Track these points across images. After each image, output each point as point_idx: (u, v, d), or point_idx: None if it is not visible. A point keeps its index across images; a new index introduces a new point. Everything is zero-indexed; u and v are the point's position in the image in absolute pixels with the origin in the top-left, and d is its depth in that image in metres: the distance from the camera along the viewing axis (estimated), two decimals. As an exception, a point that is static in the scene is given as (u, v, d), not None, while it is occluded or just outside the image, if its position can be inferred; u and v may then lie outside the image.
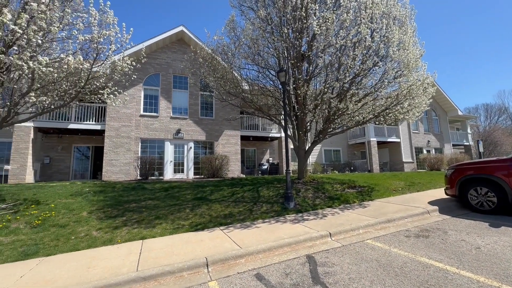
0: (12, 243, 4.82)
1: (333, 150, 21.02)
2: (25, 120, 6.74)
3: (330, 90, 8.23)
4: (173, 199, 7.51)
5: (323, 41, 7.40)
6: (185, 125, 13.94)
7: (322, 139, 9.58)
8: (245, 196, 8.06)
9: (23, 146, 11.14)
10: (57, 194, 7.43)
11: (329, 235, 4.87)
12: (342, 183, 9.77)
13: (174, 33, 13.77)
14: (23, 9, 4.75)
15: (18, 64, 4.47)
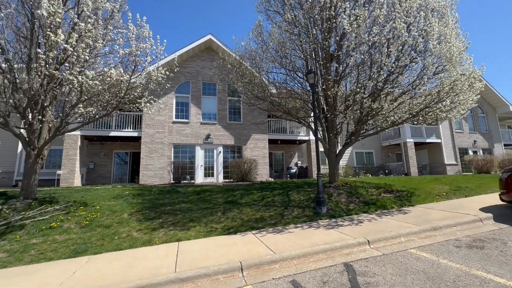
0: (65, 241, 5.29)
1: (365, 153, 20.06)
2: (74, 129, 7.43)
3: (362, 89, 7.88)
4: (205, 203, 7.70)
5: (354, 39, 7.13)
6: (214, 130, 14.32)
7: (354, 141, 9.18)
8: (275, 200, 7.98)
9: (72, 152, 12.30)
10: (101, 196, 8.03)
11: (367, 242, 4.60)
12: (378, 187, 9.24)
13: (202, 42, 14.30)
14: (72, 29, 5.27)
15: (69, 78, 4.96)
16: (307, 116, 10.47)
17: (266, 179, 14.11)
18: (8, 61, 6.46)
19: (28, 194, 7.23)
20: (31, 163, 7.30)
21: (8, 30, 6.68)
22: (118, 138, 13.88)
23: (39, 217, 6.26)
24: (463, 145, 20.16)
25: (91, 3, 5.40)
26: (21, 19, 6.61)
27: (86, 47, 5.13)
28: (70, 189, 9.14)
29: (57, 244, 5.17)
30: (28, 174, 7.30)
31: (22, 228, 5.79)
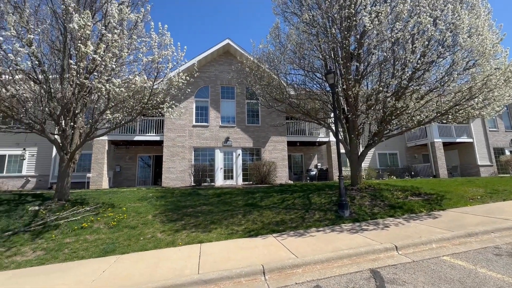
0: (95, 241, 5.57)
1: (388, 154, 19.24)
2: (102, 134, 7.84)
3: (385, 88, 7.59)
4: (225, 205, 7.77)
5: (376, 37, 6.90)
6: (233, 133, 14.46)
7: (377, 142, 8.84)
8: (296, 203, 7.87)
9: (100, 156, 12.99)
10: (127, 198, 8.38)
11: (395, 248, 4.38)
12: (404, 190, 8.80)
13: (221, 46, 14.56)
14: (100, 40, 5.59)
15: (98, 86, 5.26)
16: (327, 117, 10.27)
17: (285, 182, 13.98)
18: (44, 73, 6.96)
19: (62, 196, 7.72)
20: (64, 167, 7.80)
21: (44, 44, 7.23)
22: (141, 142, 14.46)
23: (72, 217, 6.66)
24: (498, 145, 18.70)
25: (117, 15, 5.70)
26: (55, 33, 7.13)
27: (113, 57, 5.42)
28: (99, 191, 9.64)
29: (88, 244, 5.46)
30: (62, 177, 7.80)
31: (57, 228, 6.18)
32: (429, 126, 16.98)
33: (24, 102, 5.87)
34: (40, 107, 6.41)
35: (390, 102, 7.51)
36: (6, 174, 13.98)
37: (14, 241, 5.62)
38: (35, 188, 13.84)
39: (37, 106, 6.43)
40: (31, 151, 14.40)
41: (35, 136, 12.74)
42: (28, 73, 6.51)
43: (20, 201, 7.94)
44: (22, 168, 14.22)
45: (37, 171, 14.31)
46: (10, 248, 5.37)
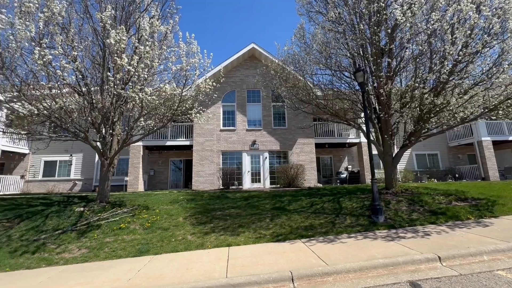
0: (131, 241, 5.91)
1: (427, 155, 17.79)
2: (137, 140, 8.35)
3: (421, 84, 7.03)
4: (253, 208, 7.77)
5: (409, 30, 6.44)
6: (259, 136, 14.50)
7: (413, 142, 8.21)
8: (325, 207, 7.60)
9: (136, 161, 13.87)
10: (160, 201, 8.80)
11: (438, 259, 3.98)
12: (447, 194, 8.04)
13: (246, 51, 14.76)
14: (134, 52, 5.99)
15: (132, 96, 5.63)
16: (356, 118, 9.81)
17: (314, 185, 13.61)
18: (87, 85, 7.66)
19: (103, 198, 8.35)
20: (105, 171, 8.44)
21: (86, 60, 7.95)
22: (173, 147, 15.15)
23: (111, 218, 7.15)
24: None
25: (149, 28, 6.06)
26: (96, 49, 7.81)
27: (145, 67, 5.78)
28: (135, 194, 10.26)
29: (125, 244, 5.81)
30: (102, 180, 8.45)
31: (98, 228, 6.69)
32: (475, 123, 15.35)
33: (70, 113, 6.49)
34: (83, 117, 7.03)
35: (427, 99, 6.93)
36: (57, 178, 15.57)
37: (63, 239, 6.20)
38: (81, 191, 15.21)
39: (81, 116, 7.05)
40: (78, 157, 15.86)
41: (81, 144, 14.01)
42: (73, 87, 7.21)
43: (68, 202, 8.75)
44: (70, 173, 15.72)
45: (82, 175, 15.71)
46: (60, 246, 5.92)
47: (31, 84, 6.35)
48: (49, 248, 5.80)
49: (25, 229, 6.80)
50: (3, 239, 6.34)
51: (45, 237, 6.32)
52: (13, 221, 7.35)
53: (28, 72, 5.76)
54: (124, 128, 8.54)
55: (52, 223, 7.01)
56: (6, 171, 15.41)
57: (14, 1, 5.20)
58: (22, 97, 5.98)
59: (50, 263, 5.17)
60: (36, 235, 6.48)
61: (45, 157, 15.67)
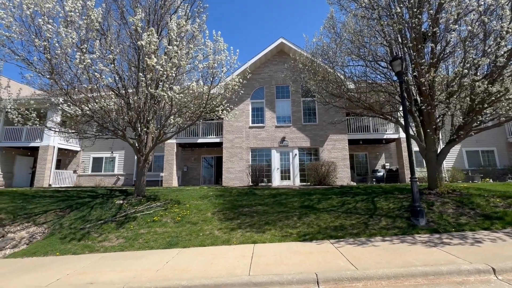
0: (163, 234, 6.19)
1: (481, 151, 15.76)
2: (169, 137, 8.74)
3: (472, 70, 6.17)
4: (280, 206, 7.62)
5: (456, 8, 5.66)
6: (289, 132, 14.22)
7: (463, 137, 7.26)
8: (358, 207, 7.13)
9: (170, 158, 14.61)
10: (190, 196, 9.12)
11: (492, 271, 3.43)
12: (505, 197, 6.98)
13: (274, 46, 14.54)
14: (165, 53, 6.23)
15: (161, 94, 5.86)
16: (394, 111, 9.00)
17: (347, 183, 12.94)
18: (124, 87, 8.21)
19: (139, 192, 8.92)
20: (141, 167, 9.00)
21: (124, 63, 8.52)
22: (204, 144, 15.63)
23: (146, 211, 7.60)
24: None
25: (176, 28, 6.24)
26: (131, 52, 8.30)
27: (173, 66, 5.97)
28: (168, 189, 10.80)
29: (157, 236, 6.11)
30: (139, 175, 9.02)
31: (134, 220, 7.14)
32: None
33: (109, 112, 7.01)
34: (121, 116, 7.54)
35: (480, 86, 6.05)
36: (103, 173, 17.12)
37: (104, 229, 6.74)
38: (123, 184, 16.52)
39: (119, 115, 7.58)
40: (120, 154, 17.24)
41: (122, 142, 15.21)
42: (112, 88, 7.78)
43: (110, 195, 9.54)
44: (114, 168, 17.16)
45: (125, 170, 17.04)
46: (101, 235, 6.45)
47: (76, 87, 6.99)
48: (92, 237, 6.35)
49: (73, 218, 7.56)
50: (56, 226, 7.13)
51: (89, 226, 6.95)
52: (65, 210, 8.23)
53: (73, 76, 6.33)
54: (157, 126, 8.98)
55: (96, 214, 7.69)
56: (62, 166, 17.40)
57: (60, 12, 5.73)
58: (68, 100, 6.60)
59: (92, 250, 5.65)
60: (82, 224, 7.16)
61: (93, 154, 17.33)
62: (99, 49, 5.62)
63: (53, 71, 6.27)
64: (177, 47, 6.30)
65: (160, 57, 5.79)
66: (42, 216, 7.76)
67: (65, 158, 17.42)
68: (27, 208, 8.32)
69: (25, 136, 15.47)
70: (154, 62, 5.63)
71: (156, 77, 6.08)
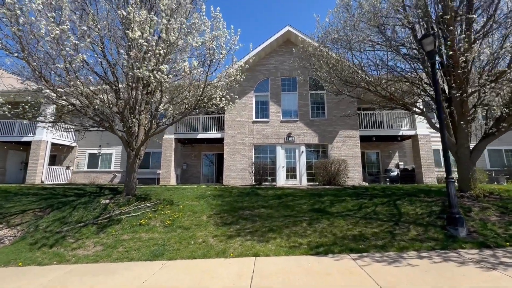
0: (148, 241, 5.23)
1: (504, 150, 14.50)
2: (162, 129, 7.78)
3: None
4: (287, 209, 6.60)
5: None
6: (295, 128, 13.16)
7: (504, 130, 6.14)
8: (378, 211, 6.07)
9: (168, 154, 13.70)
10: (186, 196, 8.16)
11: None
12: (556, 202, 5.85)
13: (280, 35, 13.46)
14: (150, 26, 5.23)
15: (146, 74, 4.90)
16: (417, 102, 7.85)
17: (358, 183, 11.85)
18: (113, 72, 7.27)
19: (129, 190, 7.99)
20: (131, 163, 8.07)
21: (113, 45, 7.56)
22: (204, 140, 14.67)
23: (133, 213, 6.66)
24: None
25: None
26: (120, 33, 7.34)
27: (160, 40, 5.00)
28: (163, 188, 9.86)
29: (141, 243, 5.15)
30: (129, 172, 8.09)
31: (119, 223, 6.21)
32: None
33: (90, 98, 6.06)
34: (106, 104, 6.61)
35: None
36: (99, 169, 16.31)
37: (82, 233, 5.82)
38: (120, 182, 15.67)
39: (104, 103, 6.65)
40: (117, 150, 16.39)
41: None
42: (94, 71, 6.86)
43: (98, 194, 8.64)
44: (111, 165, 16.33)
45: (122, 167, 16.19)
46: (78, 240, 5.52)
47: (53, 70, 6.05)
48: (66, 243, 5.44)
49: (52, 219, 6.67)
50: (31, 229, 6.24)
51: (67, 230, 6.04)
52: (45, 210, 7.35)
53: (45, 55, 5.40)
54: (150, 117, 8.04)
55: (77, 215, 6.78)
56: (58, 162, 16.65)
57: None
58: (43, 82, 5.68)
59: (61, 260, 4.72)
60: (60, 226, 6.26)
61: (90, 150, 16.53)
62: (69, 18, 4.66)
63: (24, 49, 5.35)
64: (167, 20, 5.32)
65: (145, 29, 4.81)
66: (18, 217, 6.90)
67: (60, 153, 16.66)
68: (4, 207, 7.47)
69: (17, 130, 14.74)
70: (137, 35, 4.67)
71: (141, 56, 5.12)
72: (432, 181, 12.20)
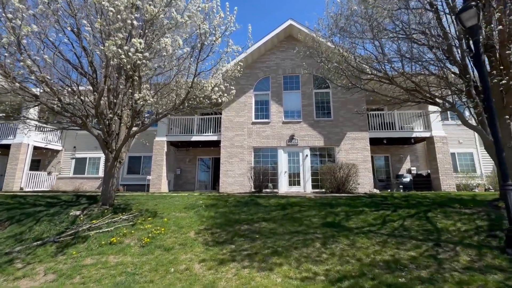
0: (115, 267, 4.02)
1: (525, 154, 13.31)
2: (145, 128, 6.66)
3: None
4: (294, 223, 5.40)
5: None
6: (298, 129, 12.02)
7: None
8: (408, 227, 4.87)
9: (159, 158, 12.49)
10: (173, 206, 6.95)
11: None
12: None
13: (282, 30, 12.44)
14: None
15: (113, 50, 3.78)
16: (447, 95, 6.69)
17: (369, 191, 10.66)
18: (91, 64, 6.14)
19: (106, 200, 6.79)
20: (109, 167, 6.89)
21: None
22: (199, 143, 13.49)
23: (105, 228, 5.44)
24: None
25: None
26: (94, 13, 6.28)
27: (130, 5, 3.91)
28: (149, 196, 8.63)
29: (105, 271, 3.94)
30: (106, 178, 6.90)
31: (85, 241, 5.00)
32: None
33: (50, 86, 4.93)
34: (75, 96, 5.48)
35: None
36: (86, 175, 15.06)
37: (36, 255, 4.61)
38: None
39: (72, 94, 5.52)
40: (106, 154, 15.20)
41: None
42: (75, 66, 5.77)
43: (74, 203, 7.43)
44: (99, 171, 15.09)
45: (110, 173, 14.97)
46: (28, 265, 4.32)
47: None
48: (11, 268, 4.22)
49: (7, 235, 5.46)
50: (-24, 248, 5.02)
51: (19, 250, 4.83)
52: (4, 223, 6.14)
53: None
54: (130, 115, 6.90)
55: (39, 230, 5.57)
56: (42, 167, 15.43)
57: None
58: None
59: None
60: (13, 245, 5.05)
61: (77, 154, 15.33)
62: None
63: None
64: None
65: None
66: (-33, 232, 5.69)
67: (45, 158, 15.44)
68: (-46, 220, 6.25)
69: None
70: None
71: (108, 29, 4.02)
72: (451, 187, 11.00)
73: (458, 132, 13.46)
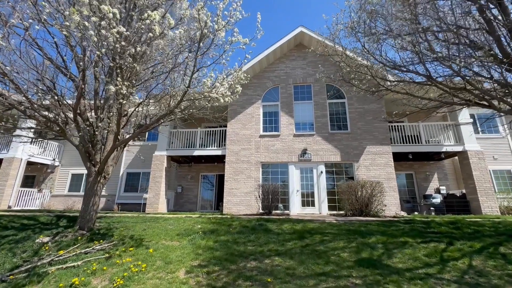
0: (63, 329, 2.76)
1: None
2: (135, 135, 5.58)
3: None
4: (317, 259, 4.05)
5: None
6: (311, 143, 10.82)
7: None
8: (480, 268, 3.47)
9: (158, 174, 11.37)
10: (165, 231, 5.68)
11: None
12: None
13: (292, 37, 11.68)
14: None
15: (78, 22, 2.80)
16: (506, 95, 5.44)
17: (395, 213, 9.17)
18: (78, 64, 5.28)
19: (84, 223, 5.60)
20: (91, 183, 5.79)
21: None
22: (202, 158, 12.38)
23: (72, 261, 4.21)
24: None
25: None
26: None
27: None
28: (139, 218, 7.39)
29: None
30: (86, 196, 5.77)
31: (40, 281, 3.76)
32: None
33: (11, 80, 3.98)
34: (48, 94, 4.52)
35: None
36: (81, 193, 13.99)
37: (-30, 302, 3.39)
38: (103, 208, 13.23)
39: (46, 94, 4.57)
40: (104, 170, 14.21)
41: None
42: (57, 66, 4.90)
43: (50, 226, 6.27)
44: (95, 187, 14.04)
45: (107, 191, 13.83)
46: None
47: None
48: None
49: (-51, 270, 4.27)
50: None
51: (-47, 292, 3.62)
52: (-44, 252, 4.98)
53: None
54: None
55: (-9, 263, 4.38)
56: (36, 184, 14.50)
57: None
58: None
59: None
60: (-51, 284, 3.84)
61: (73, 170, 14.39)
62: None
63: None
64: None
65: None
66: None
67: (40, 174, 14.54)
68: None
69: (-10, 146, 12.85)
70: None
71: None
72: (493, 210, 9.38)
73: (492, 147, 12.02)
